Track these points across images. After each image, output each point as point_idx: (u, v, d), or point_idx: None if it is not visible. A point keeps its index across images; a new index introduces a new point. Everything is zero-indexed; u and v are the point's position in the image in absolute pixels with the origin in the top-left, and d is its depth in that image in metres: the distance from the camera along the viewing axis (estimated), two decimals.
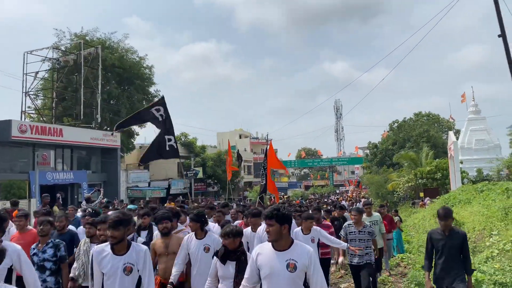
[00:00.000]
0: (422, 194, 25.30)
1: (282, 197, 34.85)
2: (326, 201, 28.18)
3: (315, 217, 6.78)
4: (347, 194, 44.99)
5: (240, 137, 61.32)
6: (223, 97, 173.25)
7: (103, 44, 30.44)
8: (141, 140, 40.47)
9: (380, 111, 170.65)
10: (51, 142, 22.19)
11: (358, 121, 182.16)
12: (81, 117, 25.50)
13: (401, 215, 20.54)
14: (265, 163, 12.90)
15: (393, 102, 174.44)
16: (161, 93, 34.64)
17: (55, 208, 13.75)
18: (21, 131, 20.32)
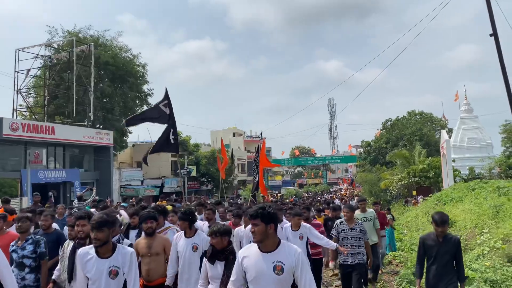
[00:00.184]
0: (415, 192, 25.46)
1: (276, 195, 34.90)
2: (319, 199, 28.19)
3: (304, 215, 6.72)
4: (340, 192, 45.12)
5: (234, 135, 61.25)
6: (217, 95, 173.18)
7: (96, 41, 30.28)
8: (134, 139, 40.38)
9: (374, 109, 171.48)
10: (43, 140, 22.04)
11: (351, 119, 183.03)
12: (74, 115, 25.36)
13: (394, 213, 20.65)
14: (257, 161, 12.88)
15: (386, 100, 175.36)
16: (154, 92, 34.52)
17: (47, 206, 13.63)
18: (12, 129, 20.15)
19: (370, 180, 35.22)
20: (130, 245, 4.69)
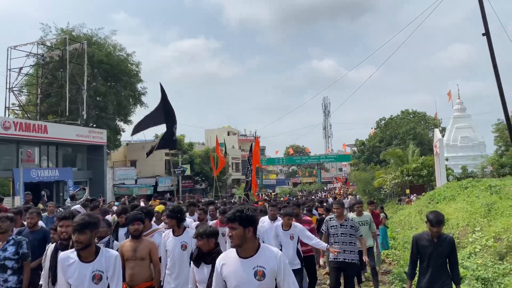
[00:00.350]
0: (408, 191, 25.57)
1: (270, 194, 34.94)
2: (313, 198, 28.23)
3: (294, 212, 6.63)
4: (334, 191, 45.29)
5: (228, 134, 61.20)
6: (211, 94, 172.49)
7: (89, 39, 30.14)
8: (127, 137, 40.21)
9: (368, 108, 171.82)
10: (35, 139, 21.90)
11: (345, 118, 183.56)
12: (67, 113, 25.20)
13: (387, 212, 20.77)
14: (251, 160, 12.87)
15: (380, 99, 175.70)
16: (148, 90, 34.38)
17: (40, 205, 13.55)
18: (4, 127, 20.01)
19: (364, 179, 35.36)
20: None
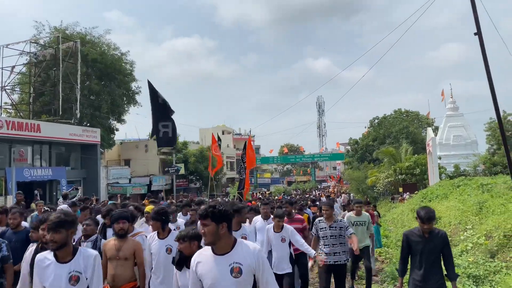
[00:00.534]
0: (401, 189, 25.74)
1: (265, 193, 34.98)
2: (307, 196, 28.28)
3: (286, 210, 6.56)
4: (328, 189, 45.43)
5: (223, 133, 61.11)
6: (206, 93, 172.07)
7: (83, 38, 29.96)
8: (121, 136, 40.09)
9: (361, 107, 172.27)
10: (28, 138, 21.75)
11: (340, 117, 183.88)
12: (60, 112, 25.04)
13: (380, 210, 20.90)
14: (244, 157, 12.85)
15: (374, 98, 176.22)
16: (142, 89, 34.19)
17: (33, 205, 13.49)
18: None
19: (357, 178, 35.56)
20: None
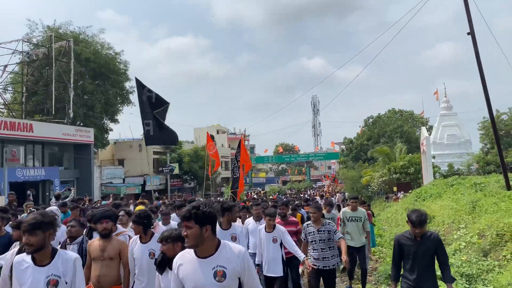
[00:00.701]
0: (395, 189, 25.81)
1: (259, 192, 34.96)
2: (301, 196, 28.27)
3: (282, 212, 6.43)
4: (323, 189, 45.48)
5: (218, 133, 61.11)
6: (200, 92, 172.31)
7: (76, 37, 29.78)
8: (115, 136, 39.89)
9: (356, 107, 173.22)
10: (21, 138, 21.57)
11: (334, 116, 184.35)
12: (53, 112, 24.86)
13: (375, 209, 20.94)
14: (238, 156, 12.80)
15: (368, 98, 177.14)
16: (136, 89, 34.02)
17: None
18: None
19: (352, 177, 35.63)
20: None
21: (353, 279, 7.68)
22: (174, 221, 7.08)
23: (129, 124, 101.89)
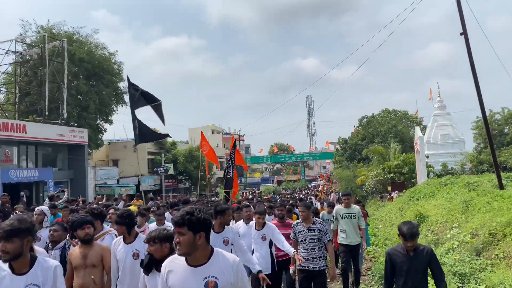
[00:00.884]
0: (389, 188, 25.91)
1: (255, 192, 34.97)
2: (295, 196, 28.29)
3: (281, 213, 6.30)
4: (317, 189, 45.57)
5: (213, 133, 61.05)
6: (195, 92, 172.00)
7: (70, 37, 29.61)
8: (109, 136, 39.73)
9: (350, 106, 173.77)
10: (14, 138, 21.43)
11: (329, 116, 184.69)
12: (46, 112, 24.72)
13: (369, 209, 21.02)
14: (233, 156, 12.74)
15: (363, 97, 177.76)
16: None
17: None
18: None
19: (346, 177, 35.75)
20: None
21: (348, 282, 7.21)
22: (168, 221, 6.92)
23: (123, 124, 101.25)
